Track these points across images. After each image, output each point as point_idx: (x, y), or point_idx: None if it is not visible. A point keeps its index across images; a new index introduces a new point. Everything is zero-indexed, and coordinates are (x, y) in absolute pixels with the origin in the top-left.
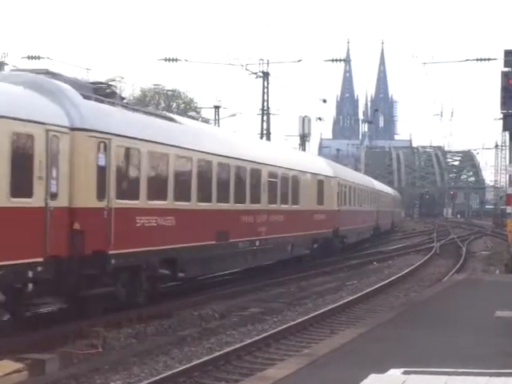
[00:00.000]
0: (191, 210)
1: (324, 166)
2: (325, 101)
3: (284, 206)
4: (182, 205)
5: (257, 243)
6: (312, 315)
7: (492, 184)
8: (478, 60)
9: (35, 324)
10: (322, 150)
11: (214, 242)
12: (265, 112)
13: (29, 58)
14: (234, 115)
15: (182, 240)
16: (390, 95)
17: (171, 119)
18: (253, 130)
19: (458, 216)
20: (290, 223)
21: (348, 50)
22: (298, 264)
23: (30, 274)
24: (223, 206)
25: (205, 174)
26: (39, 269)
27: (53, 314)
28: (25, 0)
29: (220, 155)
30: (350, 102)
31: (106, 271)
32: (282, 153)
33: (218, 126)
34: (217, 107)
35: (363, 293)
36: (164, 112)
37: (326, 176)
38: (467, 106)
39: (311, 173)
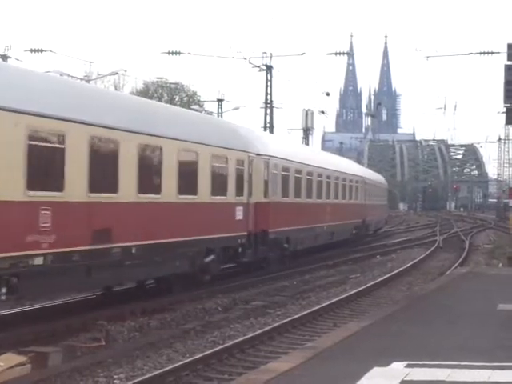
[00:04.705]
0: None
1: None
2: (328, 94)
3: None
4: None
5: None
6: (315, 308)
7: (495, 177)
8: (481, 53)
9: (38, 317)
10: (325, 144)
11: None
12: (268, 105)
13: (32, 51)
14: (237, 108)
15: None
16: (393, 89)
17: None
18: (256, 123)
19: (461, 209)
20: None
21: (351, 43)
22: None
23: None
24: None
25: None
26: None
27: (56, 307)
28: None
29: None
30: (354, 95)
31: None
32: None
33: (221, 118)
34: (220, 100)
35: (366, 286)
36: None
37: None
38: (470, 100)
39: None
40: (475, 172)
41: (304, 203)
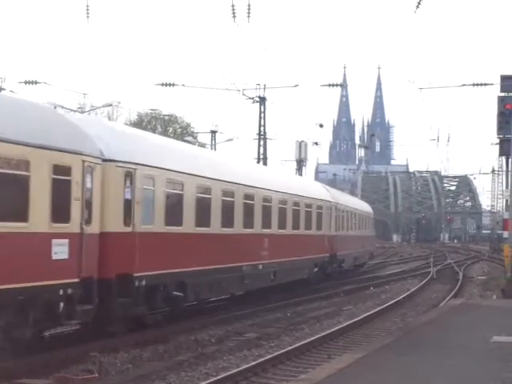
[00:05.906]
0: None
1: None
2: (321, 125)
3: None
4: None
5: None
6: (309, 340)
7: (489, 209)
8: (474, 85)
9: (31, 349)
10: (318, 175)
11: None
12: (261, 137)
13: (26, 82)
14: (230, 140)
15: None
16: (386, 120)
17: None
18: (249, 155)
19: (455, 241)
20: None
21: (344, 74)
22: None
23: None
24: None
25: None
26: None
27: (49, 339)
28: (22, 25)
29: None
30: (347, 126)
31: None
32: None
33: (215, 150)
34: (213, 132)
35: (360, 318)
36: None
37: None
38: (464, 131)
39: None
40: (469, 203)
41: (218, 235)
